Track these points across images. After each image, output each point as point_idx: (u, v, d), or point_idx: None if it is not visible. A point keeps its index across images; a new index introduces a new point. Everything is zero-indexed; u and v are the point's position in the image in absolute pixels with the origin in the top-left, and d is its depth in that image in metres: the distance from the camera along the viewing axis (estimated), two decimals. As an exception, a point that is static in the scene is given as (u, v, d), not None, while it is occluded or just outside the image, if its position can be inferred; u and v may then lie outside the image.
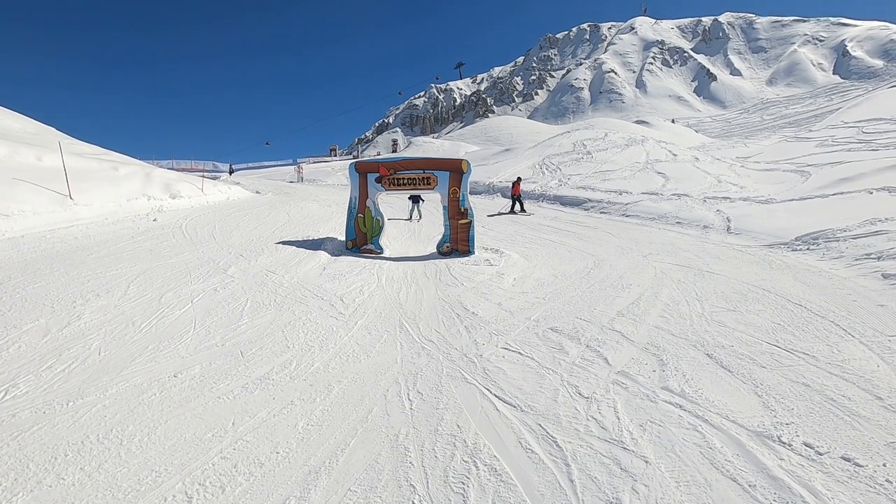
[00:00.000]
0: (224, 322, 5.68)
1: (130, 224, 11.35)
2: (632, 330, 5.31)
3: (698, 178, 16.95)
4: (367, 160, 12.36)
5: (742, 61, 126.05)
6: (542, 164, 23.21)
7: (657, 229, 11.92)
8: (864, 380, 3.97)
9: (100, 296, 6.33)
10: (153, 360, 4.64)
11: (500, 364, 4.66)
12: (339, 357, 4.89)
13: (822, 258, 8.00)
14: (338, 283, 7.51)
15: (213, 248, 9.50)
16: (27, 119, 22.55)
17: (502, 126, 66.25)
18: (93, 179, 13.03)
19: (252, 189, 21.59)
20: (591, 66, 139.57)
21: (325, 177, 32.58)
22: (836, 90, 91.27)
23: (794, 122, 64.05)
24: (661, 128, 52.71)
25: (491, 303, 6.57)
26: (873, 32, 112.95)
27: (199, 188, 16.47)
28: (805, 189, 13.31)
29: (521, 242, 10.77)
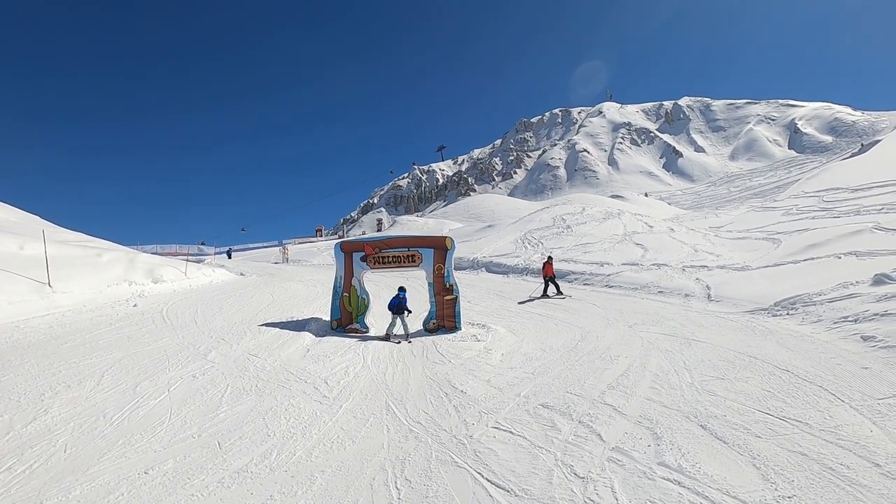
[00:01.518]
0: (202, 411, 5.43)
1: (110, 310, 11.10)
2: (623, 403, 5.21)
3: (675, 248, 17.49)
4: (352, 239, 12.56)
5: (704, 139, 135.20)
6: (523, 238, 23.79)
7: (640, 299, 12.07)
8: (859, 446, 3.91)
9: (71, 387, 6.04)
10: (123, 456, 4.36)
11: (491, 445, 4.48)
12: (323, 444, 4.67)
13: (802, 322, 8.14)
14: (322, 365, 7.32)
15: (194, 332, 9.28)
16: (11, 208, 22.67)
17: (484, 203, 68.49)
18: (75, 266, 12.91)
19: (236, 271, 21.52)
20: (565, 147, 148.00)
21: (310, 257, 32.76)
22: (793, 163, 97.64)
23: (759, 192, 67.65)
24: (635, 201, 55.03)
25: (479, 380, 6.44)
26: (818, 112, 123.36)
27: (183, 272, 16.37)
28: (777, 256, 13.79)
29: (508, 317, 10.76)
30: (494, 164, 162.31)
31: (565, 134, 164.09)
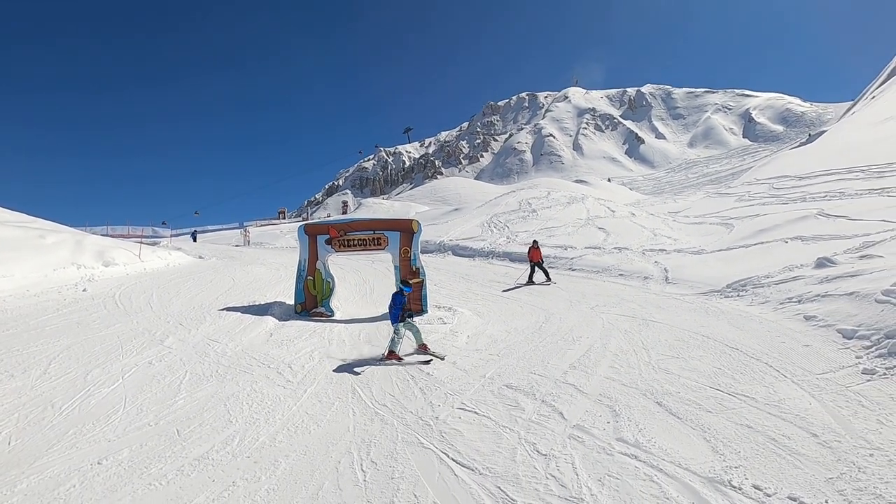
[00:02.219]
0: (159, 398, 5.25)
1: (56, 295, 10.51)
2: (584, 382, 5.37)
3: (636, 232, 18.02)
4: (316, 222, 12.26)
5: (665, 126, 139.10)
6: (490, 222, 23.96)
7: (602, 281, 12.42)
8: (799, 418, 4.17)
9: (14, 377, 5.72)
10: (74, 447, 4.18)
11: (457, 425, 4.54)
12: (287, 429, 4.61)
13: (752, 304, 8.58)
14: (286, 350, 7.20)
15: (150, 317, 8.93)
16: (-57, 186, 20.98)
17: (450, 187, 68.47)
18: (15, 249, 12.12)
19: (195, 254, 20.75)
20: (532, 131, 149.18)
21: (272, 240, 31.97)
22: (746, 151, 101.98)
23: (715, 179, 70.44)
24: (598, 186, 56.27)
25: (446, 362, 6.49)
26: (771, 102, 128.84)
27: (137, 255, 15.65)
28: (730, 240, 14.43)
29: (474, 299, 10.86)
30: (461, 147, 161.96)
31: (532, 118, 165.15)
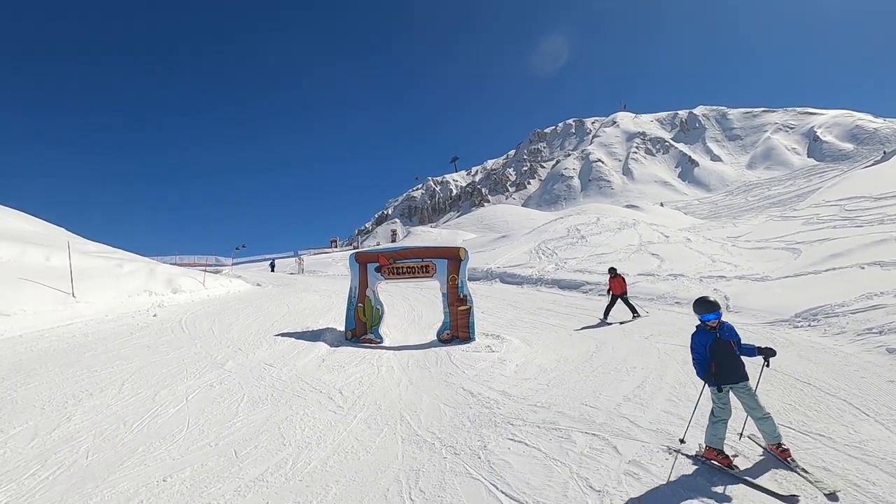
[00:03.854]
0: (219, 419, 5.50)
1: (130, 320, 11.34)
2: (640, 415, 5.14)
3: (692, 258, 17.26)
4: (366, 250, 12.65)
5: (720, 148, 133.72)
6: (537, 249, 23.71)
7: (656, 309, 11.92)
8: (885, 462, 3.80)
9: (93, 395, 6.18)
10: (142, 464, 4.44)
11: (506, 456, 4.46)
12: (338, 454, 4.69)
13: (825, 334, 7.95)
14: (337, 375, 7.37)
15: (212, 342, 9.42)
16: (38, 220, 23.34)
17: (498, 214, 68.52)
18: (97, 277, 13.23)
19: (253, 282, 21.80)
20: (579, 157, 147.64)
21: (325, 267, 33.04)
22: (813, 171, 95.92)
23: (778, 202, 66.53)
24: (650, 211, 54.56)
25: (494, 391, 6.41)
26: (839, 119, 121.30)
27: (201, 282, 16.65)
28: (798, 266, 13.52)
29: (522, 327, 10.71)
30: (508, 174, 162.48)
31: (579, 144, 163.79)
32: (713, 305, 4.05)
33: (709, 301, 4.08)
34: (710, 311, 4.04)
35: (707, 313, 4.05)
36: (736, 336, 4.08)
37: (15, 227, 19.86)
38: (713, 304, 4.06)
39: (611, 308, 10.97)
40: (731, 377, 3.96)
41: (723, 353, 3.98)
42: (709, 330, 4.05)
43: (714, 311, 4.02)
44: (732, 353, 3.98)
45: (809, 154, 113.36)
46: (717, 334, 4.01)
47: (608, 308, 10.99)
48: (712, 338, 4.02)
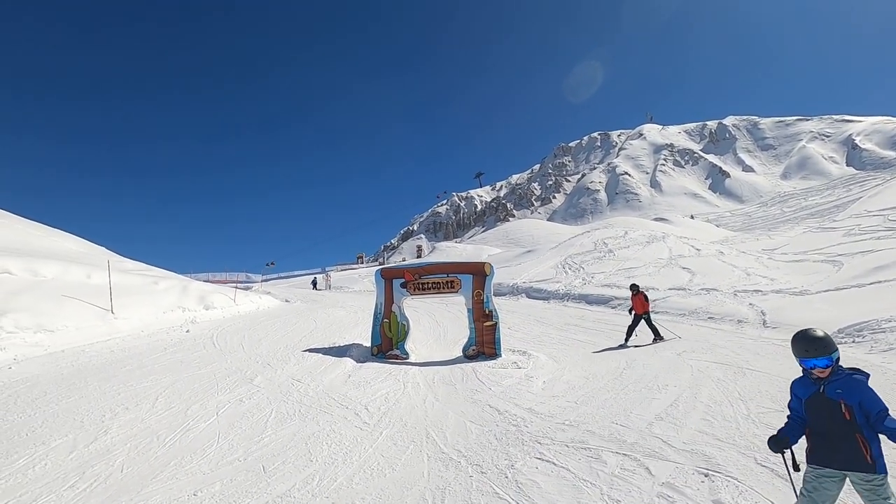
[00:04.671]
0: (248, 434, 5.57)
1: (164, 336, 11.68)
2: (673, 435, 4.96)
3: (725, 271, 16.75)
4: (392, 266, 12.75)
5: (753, 158, 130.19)
6: (564, 263, 23.43)
7: (689, 325, 11.57)
8: (943, 489, 3.54)
9: (128, 409, 6.36)
10: (174, 478, 4.52)
11: (534, 476, 4.35)
12: (364, 471, 4.67)
13: (871, 351, 7.56)
14: (363, 391, 7.38)
15: (241, 357, 9.60)
16: (82, 240, 24.49)
17: (523, 228, 68.24)
18: (134, 294, 13.72)
19: (281, 298, 22.22)
20: (605, 170, 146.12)
21: (351, 283, 33.43)
22: (852, 181, 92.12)
23: (816, 212, 64.06)
24: (680, 224, 53.37)
25: (521, 408, 6.30)
26: (879, 126, 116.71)
27: (232, 298, 17.07)
28: (839, 279, 12.95)
29: (549, 343, 10.55)
30: (533, 189, 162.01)
31: (605, 157, 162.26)
32: (818, 345, 2.58)
33: (812, 337, 2.61)
34: (813, 355, 2.59)
35: (808, 357, 2.61)
36: (859, 397, 2.51)
37: (61, 247, 20.87)
38: (818, 341, 2.59)
39: (633, 329, 10.14)
40: (824, 457, 2.62)
41: (822, 417, 2.61)
42: (813, 380, 2.68)
43: (820, 354, 2.58)
44: (839, 422, 2.54)
45: (848, 163, 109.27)
46: (821, 387, 2.61)
47: (630, 329, 10.17)
48: (813, 391, 2.66)
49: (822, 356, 2.58)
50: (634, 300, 10.37)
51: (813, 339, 2.60)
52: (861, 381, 2.57)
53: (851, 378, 2.58)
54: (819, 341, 2.58)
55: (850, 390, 2.54)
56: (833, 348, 2.58)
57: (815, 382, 2.66)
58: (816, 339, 2.59)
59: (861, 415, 2.48)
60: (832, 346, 2.58)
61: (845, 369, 2.62)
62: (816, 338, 2.59)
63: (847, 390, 2.54)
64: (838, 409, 2.54)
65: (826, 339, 2.59)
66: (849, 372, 2.61)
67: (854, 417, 2.50)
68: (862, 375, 2.59)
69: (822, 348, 2.57)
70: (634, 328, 10.11)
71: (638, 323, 10.16)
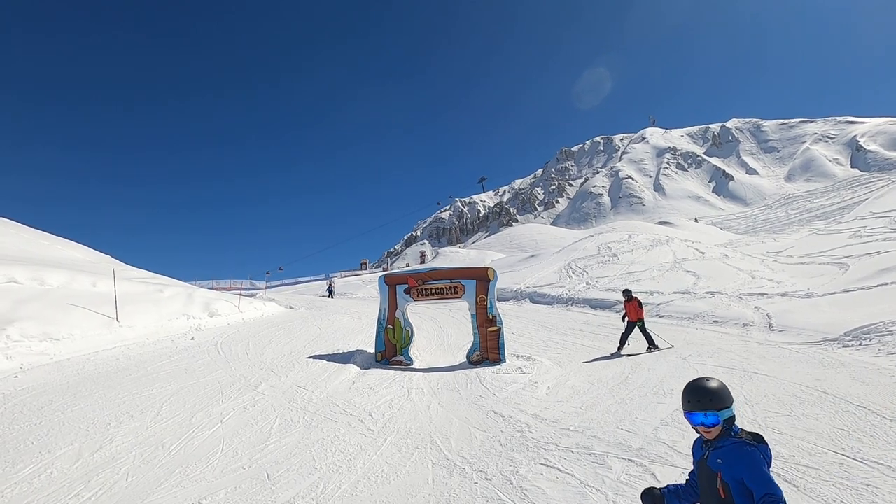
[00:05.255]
0: (252, 442, 5.57)
1: (170, 343, 11.71)
2: (679, 440, 4.93)
3: (730, 274, 16.66)
4: (395, 272, 12.76)
5: (756, 161, 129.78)
6: (567, 268, 23.37)
7: (694, 329, 11.51)
8: (954, 493, 3.50)
9: (133, 417, 6.37)
10: (179, 485, 4.52)
11: (539, 482, 4.33)
12: (368, 478, 4.66)
13: (878, 354, 7.49)
14: (367, 398, 7.38)
15: (246, 364, 9.61)
16: (88, 249, 24.65)
17: (526, 233, 68.13)
18: (139, 302, 13.78)
19: (286, 304, 22.25)
20: (609, 174, 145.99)
21: (355, 290, 33.44)
22: (858, 182, 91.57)
23: (821, 214, 63.76)
24: (684, 227, 53.13)
25: (525, 414, 6.28)
26: (883, 127, 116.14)
27: (236, 306, 17.10)
28: (846, 281, 12.86)
29: (553, 348, 10.51)
30: (536, 193, 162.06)
31: (608, 161, 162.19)
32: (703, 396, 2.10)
33: (698, 386, 2.14)
34: (696, 408, 2.11)
35: (689, 411, 2.15)
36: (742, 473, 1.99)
37: (67, 256, 21.02)
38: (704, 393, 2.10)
39: (627, 337, 9.71)
40: None
41: (704, 490, 2.18)
42: (704, 442, 2.20)
43: (704, 408, 2.09)
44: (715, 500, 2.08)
45: (853, 164, 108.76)
46: (706, 453, 2.14)
47: (624, 337, 9.72)
48: (699, 456, 2.22)
49: (707, 411, 2.08)
50: (628, 307, 10.01)
51: (698, 388, 2.12)
52: (750, 454, 2.00)
53: (740, 447, 2.03)
54: (705, 392, 2.09)
55: (732, 462, 2.02)
56: (723, 404, 2.08)
57: (704, 445, 2.19)
58: (702, 390, 2.10)
59: (742, 497, 1.98)
60: (724, 401, 2.08)
61: (740, 434, 2.08)
62: (703, 388, 2.11)
63: (729, 462, 2.03)
64: (714, 484, 2.07)
65: (717, 391, 2.09)
66: (740, 439, 2.06)
67: (731, 497, 2.01)
68: (754, 446, 2.03)
69: (708, 402, 2.08)
70: (628, 336, 9.74)
71: (632, 330, 9.78)
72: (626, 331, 9.80)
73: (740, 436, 2.07)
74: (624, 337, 9.72)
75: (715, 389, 2.08)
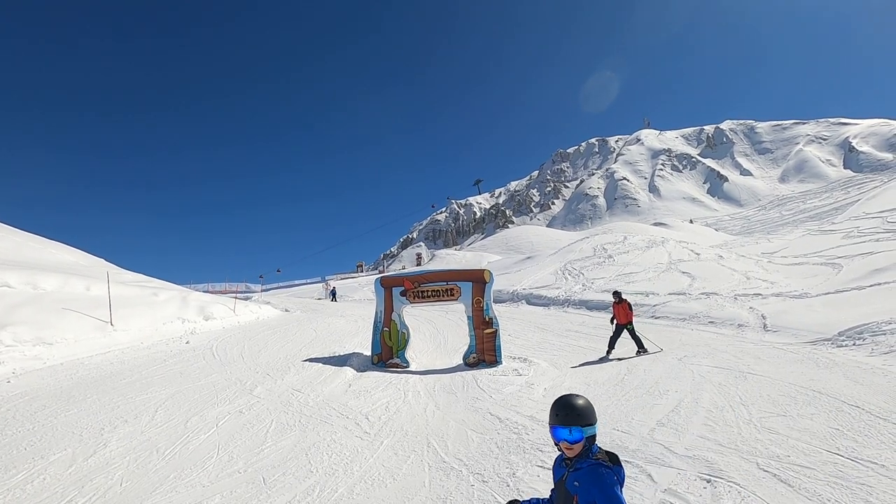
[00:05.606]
0: (248, 446, 5.54)
1: (164, 347, 11.64)
2: (675, 441, 4.94)
3: (725, 275, 16.74)
4: (392, 274, 12.74)
5: (750, 162, 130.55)
6: (563, 269, 23.42)
7: (689, 330, 11.55)
8: (947, 492, 3.53)
9: (127, 422, 6.33)
10: (174, 491, 4.49)
11: (536, 484, 4.33)
12: (364, 481, 4.65)
13: (872, 354, 7.54)
14: (363, 401, 7.36)
15: (241, 368, 9.56)
16: (81, 252, 24.48)
17: (522, 235, 68.18)
18: (133, 306, 13.70)
19: (281, 307, 22.17)
20: (604, 175, 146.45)
21: (351, 292, 33.35)
22: (850, 183, 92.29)
23: (815, 215, 64.18)
24: (680, 228, 53.33)
25: (522, 416, 6.28)
26: (875, 128, 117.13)
27: (232, 309, 17.03)
28: (839, 281, 12.95)
29: (550, 350, 10.52)
30: (532, 195, 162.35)
31: (603, 163, 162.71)
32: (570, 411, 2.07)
33: (565, 402, 2.10)
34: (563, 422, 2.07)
35: (555, 425, 2.10)
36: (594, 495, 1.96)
37: (61, 259, 20.87)
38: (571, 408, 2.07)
39: (615, 340, 9.45)
40: None
41: None
42: (564, 461, 2.16)
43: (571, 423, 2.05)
44: None
45: (846, 165, 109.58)
46: (565, 474, 2.11)
47: (612, 340, 9.44)
48: (560, 476, 2.18)
49: (573, 426, 2.03)
50: (617, 309, 9.72)
51: (566, 403, 2.07)
52: (604, 476, 1.97)
53: (595, 469, 2.00)
54: (573, 408, 2.05)
55: (588, 485, 1.98)
56: (588, 421, 2.04)
57: (564, 465, 2.14)
58: (570, 405, 2.06)
59: None
60: (589, 418, 2.04)
61: (598, 455, 2.05)
62: (571, 404, 2.06)
63: (585, 485, 1.99)
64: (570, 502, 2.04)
65: (584, 407, 2.05)
66: (597, 460, 2.02)
67: None
68: (609, 468, 2.00)
69: (575, 417, 2.03)
70: (617, 339, 9.47)
71: (620, 333, 9.52)
72: (614, 334, 9.55)
73: (598, 456, 2.04)
74: (612, 340, 9.48)
75: (582, 406, 2.06)
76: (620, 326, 9.59)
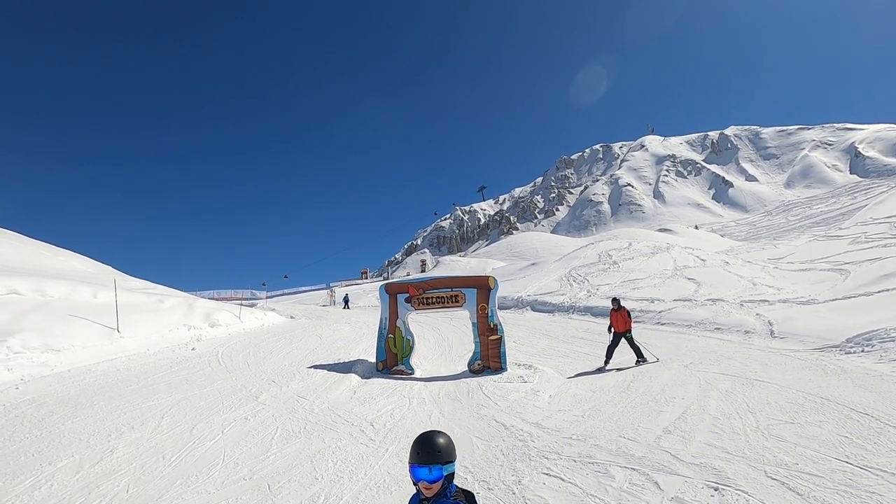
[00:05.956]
0: (253, 453, 5.55)
1: (170, 354, 11.69)
2: (681, 448, 4.91)
3: (731, 281, 16.66)
4: (396, 281, 12.75)
5: (755, 168, 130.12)
6: (568, 276, 23.38)
7: (695, 336, 11.50)
8: (958, 501, 3.49)
9: (134, 428, 6.35)
10: (180, 497, 4.50)
11: (541, 492, 4.31)
12: (370, 489, 4.64)
13: (881, 360, 7.48)
14: (368, 408, 7.35)
15: (247, 374, 9.59)
16: (89, 260, 24.68)
17: (527, 241, 68.15)
18: (140, 313, 13.77)
19: (286, 314, 22.22)
20: (608, 182, 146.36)
21: (356, 299, 33.37)
22: (857, 188, 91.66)
23: (821, 221, 63.72)
24: (685, 234, 53.17)
25: (527, 423, 6.26)
26: (881, 133, 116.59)
27: (237, 316, 17.08)
28: (847, 287, 12.87)
29: (555, 356, 10.49)
30: (536, 201, 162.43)
31: (607, 169, 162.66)
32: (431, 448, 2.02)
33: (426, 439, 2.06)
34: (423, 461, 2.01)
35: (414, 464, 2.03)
36: None
37: (69, 267, 21.04)
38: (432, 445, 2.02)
39: (613, 349, 9.19)
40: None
41: None
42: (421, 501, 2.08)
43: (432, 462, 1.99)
44: None
45: (851, 171, 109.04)
46: None
47: (610, 349, 9.18)
48: None
49: (432, 465, 1.97)
50: (615, 316, 9.39)
51: (427, 441, 2.01)
52: None
53: None
54: (435, 446, 1.99)
55: None
56: (449, 459, 1.99)
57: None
58: (429, 443, 2.00)
59: None
60: (450, 455, 2.00)
61: (456, 494, 2.00)
62: (432, 442, 2.00)
63: None
64: None
65: (445, 446, 2.01)
66: (455, 500, 1.98)
67: None
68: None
69: (437, 455, 1.97)
70: (615, 349, 9.23)
71: (618, 342, 9.27)
72: (612, 343, 9.29)
73: (456, 496, 1.99)
74: (610, 350, 9.23)
75: (443, 444, 2.01)
76: (618, 335, 9.33)
